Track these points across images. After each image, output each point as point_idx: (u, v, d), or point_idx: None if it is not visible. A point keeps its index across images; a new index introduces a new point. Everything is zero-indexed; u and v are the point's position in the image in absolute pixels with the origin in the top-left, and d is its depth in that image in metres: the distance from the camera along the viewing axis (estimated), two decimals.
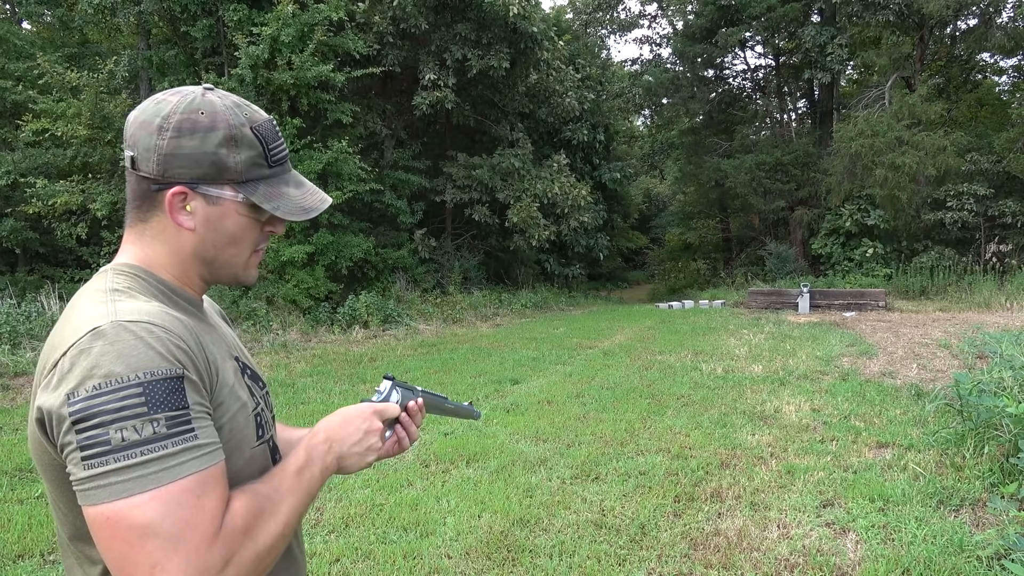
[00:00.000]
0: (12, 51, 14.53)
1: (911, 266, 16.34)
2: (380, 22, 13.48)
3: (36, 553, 3.19)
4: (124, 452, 0.74)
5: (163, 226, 0.92)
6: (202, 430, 0.80)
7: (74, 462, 0.75)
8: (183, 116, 0.88)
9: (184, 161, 0.88)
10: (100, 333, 0.78)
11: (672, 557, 3.10)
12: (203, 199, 0.91)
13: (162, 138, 0.88)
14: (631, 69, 25.74)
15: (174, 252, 0.93)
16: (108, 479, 0.74)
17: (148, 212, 0.92)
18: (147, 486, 0.74)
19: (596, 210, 18.77)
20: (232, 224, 0.94)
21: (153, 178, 0.89)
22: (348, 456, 0.97)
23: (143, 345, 0.78)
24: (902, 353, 8.32)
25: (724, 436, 4.90)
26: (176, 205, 0.90)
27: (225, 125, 0.90)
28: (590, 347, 9.42)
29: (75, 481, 0.75)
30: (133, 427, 0.74)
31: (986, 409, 4.24)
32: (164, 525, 0.74)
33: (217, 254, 0.95)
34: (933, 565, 2.94)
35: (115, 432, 0.74)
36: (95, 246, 13.01)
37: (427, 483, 4.07)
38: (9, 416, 5.81)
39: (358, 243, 12.66)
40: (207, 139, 0.89)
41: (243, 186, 0.92)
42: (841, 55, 18.35)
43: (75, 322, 0.82)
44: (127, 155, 0.90)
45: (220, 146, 0.90)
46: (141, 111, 0.90)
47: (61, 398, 0.75)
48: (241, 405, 0.91)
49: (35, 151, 12.67)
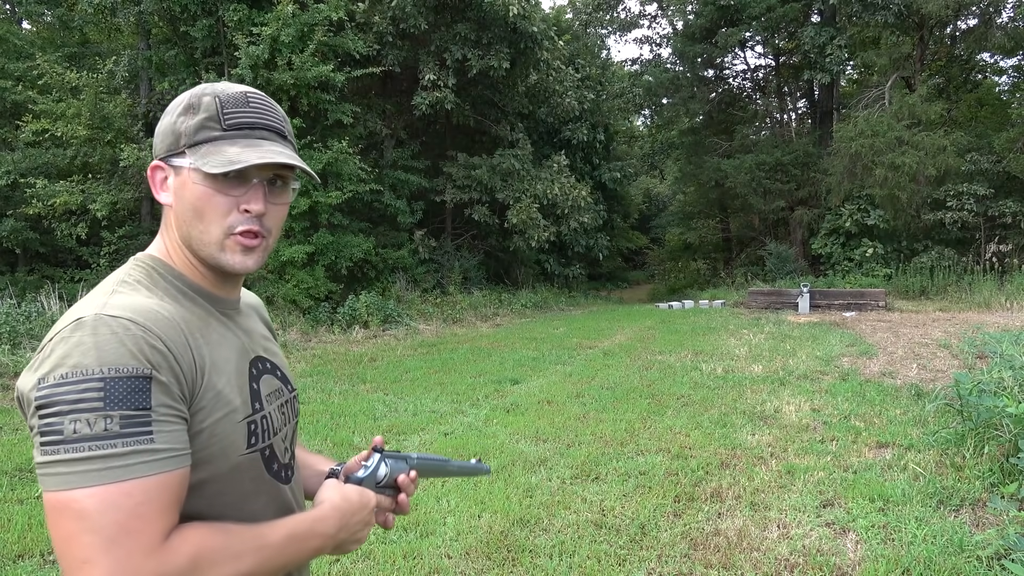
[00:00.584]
0: (12, 51, 14.52)
1: (911, 266, 16.34)
2: (380, 22, 13.48)
3: (36, 553, 3.19)
4: (74, 444, 0.74)
5: (167, 211, 0.95)
6: (162, 435, 0.77)
7: (35, 446, 0.76)
8: (173, 102, 0.94)
9: (159, 136, 0.93)
10: (81, 324, 0.78)
11: (672, 557, 3.10)
12: (173, 171, 0.92)
13: (159, 123, 0.94)
14: (631, 69, 25.74)
15: (173, 237, 0.95)
16: (57, 468, 0.74)
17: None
18: (88, 482, 0.73)
19: (596, 210, 18.78)
20: (190, 194, 0.90)
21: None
22: (347, 543, 0.97)
23: (115, 341, 0.77)
24: (902, 353, 8.32)
25: (724, 436, 4.90)
26: (157, 181, 0.93)
27: (188, 96, 0.92)
28: (590, 347, 9.42)
29: (36, 465, 0.77)
30: (86, 420, 0.74)
31: (986, 409, 4.24)
32: (99, 523, 0.73)
33: (188, 230, 0.92)
34: (933, 565, 2.94)
35: (69, 423, 0.74)
36: (95, 246, 13.00)
37: (427, 483, 4.07)
38: (9, 416, 5.81)
39: (358, 243, 12.66)
40: (173, 112, 0.93)
41: (191, 149, 0.90)
42: (840, 56, 18.35)
43: (73, 310, 0.83)
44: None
45: (179, 115, 0.92)
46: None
47: (33, 382, 0.77)
48: (229, 411, 0.88)
49: (35, 151, 12.67)
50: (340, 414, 5.69)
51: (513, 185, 15.49)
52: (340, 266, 12.20)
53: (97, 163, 12.55)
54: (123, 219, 13.29)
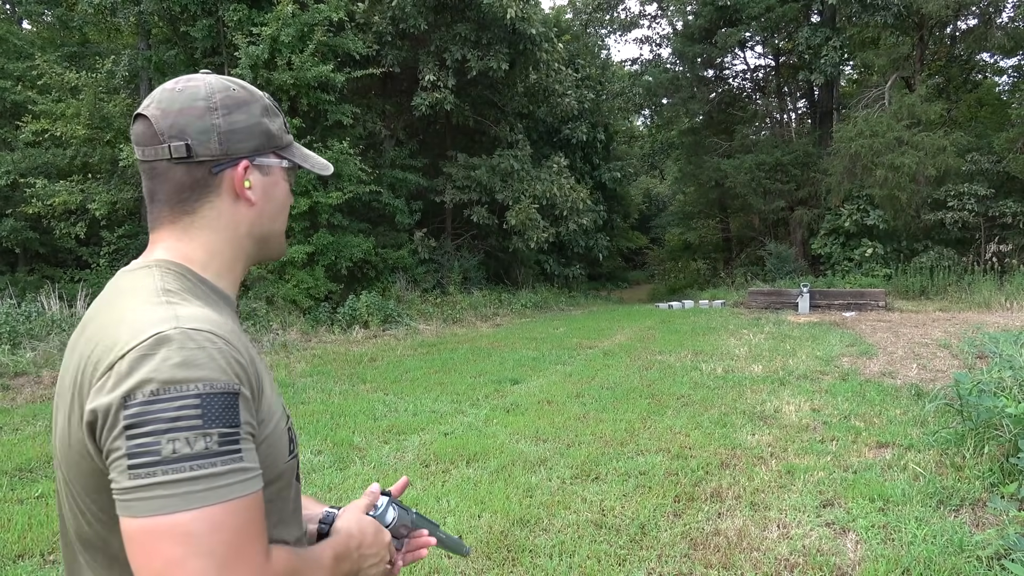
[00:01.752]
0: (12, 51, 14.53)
1: (911, 266, 16.33)
2: (380, 22, 13.48)
3: (36, 553, 3.19)
4: (173, 465, 0.70)
5: (217, 211, 0.90)
6: (247, 452, 0.75)
7: (119, 470, 0.71)
8: (223, 94, 0.89)
9: (241, 135, 0.89)
10: (165, 338, 0.74)
11: (672, 557, 3.10)
12: (258, 171, 0.92)
13: (217, 117, 0.87)
14: (631, 69, 25.74)
15: (229, 238, 0.92)
16: (154, 491, 0.69)
17: (198, 201, 0.89)
18: (193, 504, 0.70)
19: (596, 211, 18.78)
20: (280, 191, 0.96)
21: (214, 159, 0.87)
22: (365, 571, 0.96)
23: (205, 355, 0.74)
24: (902, 353, 8.32)
25: (724, 436, 4.90)
26: (241, 180, 0.90)
27: (259, 96, 0.93)
28: (590, 347, 9.42)
29: (117, 490, 0.71)
30: (186, 439, 0.70)
31: (986, 409, 4.24)
32: (210, 546, 0.70)
33: (271, 226, 0.96)
34: (933, 565, 2.94)
35: (167, 443, 0.70)
36: (95, 246, 13.01)
37: (427, 483, 4.07)
38: (9, 416, 5.81)
39: (358, 243, 12.66)
40: (252, 111, 0.91)
41: (285, 150, 0.95)
42: (835, 57, 18.34)
43: (132, 323, 0.77)
44: (175, 146, 0.85)
45: (262, 115, 0.92)
46: (168, 101, 0.87)
47: (117, 400, 0.71)
48: (277, 419, 0.87)
49: (35, 151, 12.68)
50: (340, 414, 5.69)
51: (512, 186, 15.49)
52: (340, 266, 12.20)
53: (97, 163, 12.56)
54: (122, 219, 13.30)
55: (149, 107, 0.88)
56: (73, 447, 0.79)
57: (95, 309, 0.87)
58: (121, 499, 0.71)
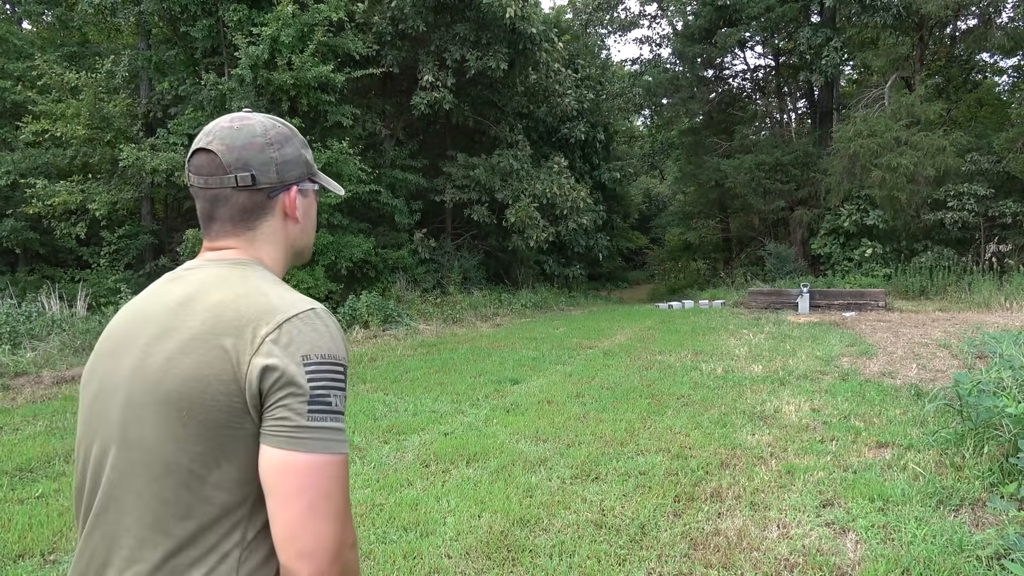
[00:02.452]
0: (12, 51, 14.53)
1: (911, 266, 16.33)
2: (379, 22, 13.48)
3: (36, 553, 3.19)
4: (336, 415, 0.92)
5: (273, 228, 1.08)
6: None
7: (297, 411, 0.89)
8: (274, 131, 1.07)
9: (291, 165, 1.08)
10: (317, 314, 0.96)
11: (672, 557, 3.10)
12: (300, 194, 1.11)
13: (274, 151, 1.06)
14: (631, 69, 25.75)
15: (282, 249, 1.11)
16: (323, 434, 0.90)
17: (258, 219, 1.07)
18: (342, 449, 0.92)
19: (596, 210, 18.78)
20: (314, 211, 1.17)
21: (272, 186, 1.06)
22: None
23: (339, 333, 0.97)
24: (902, 353, 8.32)
25: (724, 436, 4.90)
26: (293, 203, 1.09)
27: (295, 131, 1.12)
28: (590, 347, 9.42)
29: (292, 427, 0.89)
30: (340, 397, 0.93)
31: (986, 409, 4.24)
32: (345, 484, 0.92)
33: (308, 240, 1.16)
34: (933, 565, 2.94)
35: (334, 397, 0.92)
36: (95, 246, 13.01)
37: (427, 483, 4.07)
38: (9, 416, 5.81)
39: (358, 243, 12.66)
40: (295, 144, 1.10)
41: (316, 176, 1.15)
42: (835, 58, 18.34)
43: (281, 297, 0.97)
44: (242, 176, 1.02)
45: (302, 148, 1.12)
46: (231, 138, 1.03)
47: (296, 359, 0.90)
48: None
49: (35, 151, 12.67)
50: None
51: (512, 185, 15.49)
52: (340, 266, 12.20)
53: (97, 163, 12.56)
54: (123, 219, 13.31)
55: (212, 143, 1.03)
56: (209, 393, 0.91)
57: (197, 288, 1.00)
58: (294, 435, 0.89)
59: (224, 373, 0.91)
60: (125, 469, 0.94)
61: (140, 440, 0.94)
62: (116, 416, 0.96)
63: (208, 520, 0.91)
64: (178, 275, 1.05)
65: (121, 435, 0.95)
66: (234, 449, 0.91)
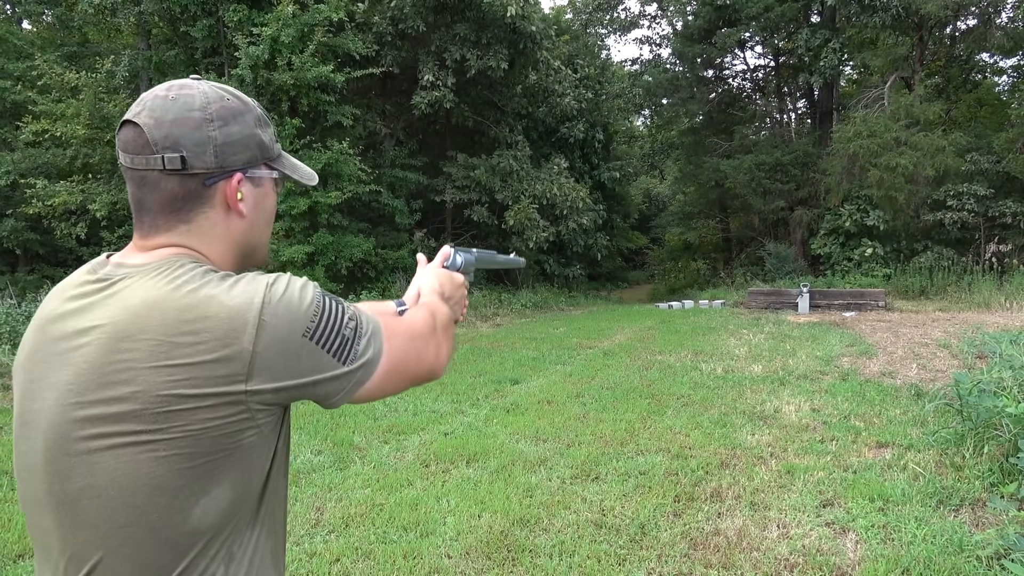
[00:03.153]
0: (12, 51, 14.53)
1: (910, 266, 16.33)
2: (380, 22, 13.49)
3: None
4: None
5: (211, 222, 0.90)
6: None
7: (339, 358, 0.85)
8: (218, 104, 0.88)
9: (236, 147, 0.88)
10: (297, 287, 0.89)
11: (672, 557, 3.10)
12: (250, 183, 0.92)
13: (213, 129, 0.86)
14: (631, 69, 25.75)
15: (222, 248, 0.92)
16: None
17: (192, 211, 0.88)
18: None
19: (595, 210, 18.78)
20: (270, 203, 0.97)
21: (208, 171, 0.87)
22: (455, 309, 1.21)
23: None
24: (902, 353, 8.32)
25: (724, 436, 4.90)
26: (234, 193, 0.90)
27: (252, 106, 0.92)
28: (590, 347, 9.42)
29: (344, 372, 0.86)
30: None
31: (986, 409, 4.24)
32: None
33: (260, 236, 0.97)
34: (933, 565, 2.94)
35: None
36: (95, 246, 13.01)
37: (427, 483, 4.07)
38: (9, 416, 5.81)
39: (358, 243, 12.66)
40: (246, 121, 0.90)
41: (275, 161, 0.95)
42: (835, 60, 18.33)
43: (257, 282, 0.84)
44: (170, 157, 0.84)
45: (256, 126, 0.91)
46: (161, 110, 0.85)
47: (299, 337, 0.83)
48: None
49: (35, 151, 12.68)
50: (340, 414, 5.69)
51: (512, 185, 15.49)
52: (340, 266, 12.21)
53: (97, 163, 12.56)
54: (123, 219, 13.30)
55: (140, 114, 0.86)
56: (218, 423, 0.79)
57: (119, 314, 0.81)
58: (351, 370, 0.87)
59: (226, 406, 0.88)
60: None
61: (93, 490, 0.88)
62: None
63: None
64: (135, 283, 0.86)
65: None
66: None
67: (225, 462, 0.80)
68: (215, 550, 0.83)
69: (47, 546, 0.86)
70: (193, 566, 0.81)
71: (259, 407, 0.81)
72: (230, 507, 0.83)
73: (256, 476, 0.86)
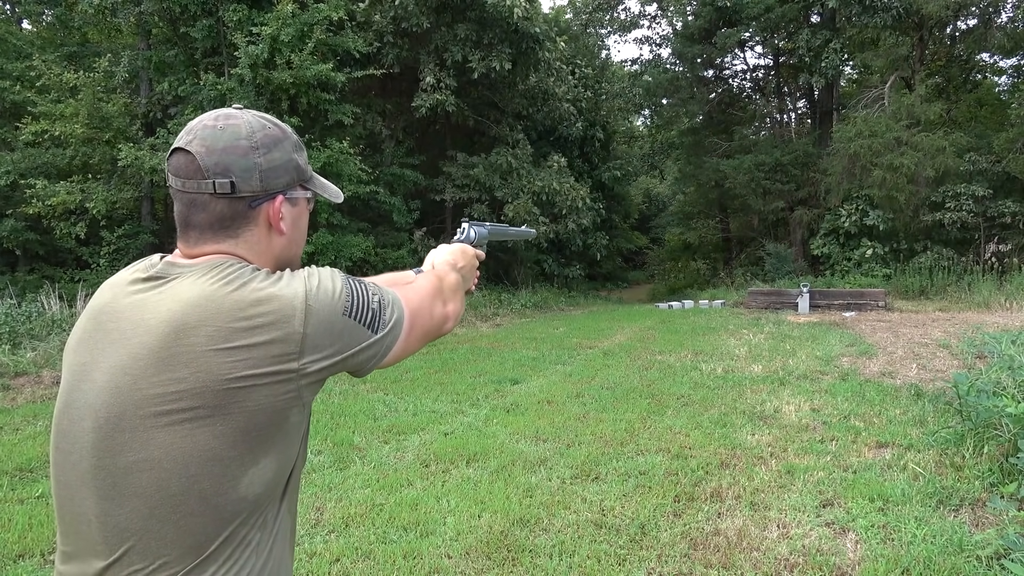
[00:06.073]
0: (11, 51, 14.53)
1: (910, 266, 16.33)
2: (380, 21, 13.49)
3: (36, 553, 3.19)
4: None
5: (256, 238, 1.00)
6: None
7: (370, 330, 0.99)
8: (262, 133, 0.98)
9: (278, 172, 0.99)
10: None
11: (672, 557, 3.11)
12: (288, 203, 1.02)
13: (258, 156, 0.97)
14: (631, 69, 25.75)
15: (263, 260, 1.01)
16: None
17: (239, 228, 0.98)
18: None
19: (595, 209, 18.79)
20: (304, 221, 1.08)
21: (254, 194, 0.97)
22: (467, 279, 1.32)
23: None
24: (902, 353, 8.32)
25: (724, 436, 4.90)
26: (277, 213, 1.00)
27: (289, 133, 1.03)
28: (590, 347, 9.42)
29: (374, 340, 1.00)
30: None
31: (985, 409, 4.24)
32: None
33: (296, 251, 1.08)
34: (933, 565, 2.94)
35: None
36: (95, 246, 13.01)
37: (427, 483, 4.07)
38: (9, 416, 5.81)
39: (358, 243, 12.66)
40: (285, 148, 1.01)
41: (309, 182, 1.06)
42: (835, 60, 18.33)
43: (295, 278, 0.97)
44: (220, 183, 0.94)
45: (293, 151, 1.02)
46: (211, 139, 0.95)
47: (340, 316, 0.96)
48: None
49: (34, 151, 12.67)
50: (340, 414, 5.70)
51: (512, 183, 15.50)
52: (340, 266, 12.19)
53: (96, 163, 12.55)
54: (122, 219, 13.30)
55: (192, 143, 0.95)
56: (268, 406, 0.89)
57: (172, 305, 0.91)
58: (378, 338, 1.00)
59: (276, 384, 0.98)
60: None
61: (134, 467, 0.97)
62: None
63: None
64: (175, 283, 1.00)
65: None
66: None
67: (273, 436, 0.91)
68: (255, 518, 0.93)
69: (78, 530, 0.92)
70: (236, 533, 0.91)
71: (307, 383, 0.92)
72: (273, 477, 0.93)
73: (292, 452, 0.97)
